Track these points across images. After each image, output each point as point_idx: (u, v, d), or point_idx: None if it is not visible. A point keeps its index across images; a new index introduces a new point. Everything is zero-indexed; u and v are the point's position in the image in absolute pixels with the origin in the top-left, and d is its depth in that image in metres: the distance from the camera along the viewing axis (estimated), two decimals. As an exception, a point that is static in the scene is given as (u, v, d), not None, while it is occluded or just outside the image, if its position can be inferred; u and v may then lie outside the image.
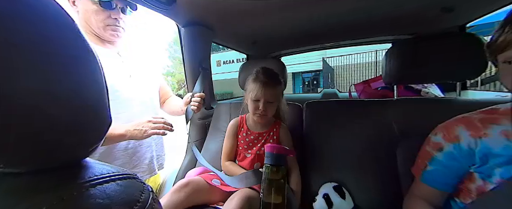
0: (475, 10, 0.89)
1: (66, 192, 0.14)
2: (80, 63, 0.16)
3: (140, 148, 0.77)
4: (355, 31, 1.16)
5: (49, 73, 0.14)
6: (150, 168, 0.81)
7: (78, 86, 0.16)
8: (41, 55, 0.14)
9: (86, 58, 0.17)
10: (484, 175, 0.42)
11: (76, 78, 0.16)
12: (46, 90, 0.14)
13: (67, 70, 0.15)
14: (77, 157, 0.18)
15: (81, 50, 0.16)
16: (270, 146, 0.59)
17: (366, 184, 0.67)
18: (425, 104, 0.71)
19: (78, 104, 0.16)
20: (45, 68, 0.14)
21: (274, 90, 0.70)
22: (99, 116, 0.18)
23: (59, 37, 0.15)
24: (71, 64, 0.16)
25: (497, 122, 0.41)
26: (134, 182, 0.18)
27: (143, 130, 0.65)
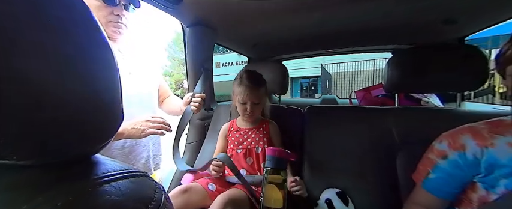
0: (475, 24, 0.91)
1: (80, 187, 0.13)
2: (98, 57, 0.16)
3: (137, 147, 0.76)
4: (355, 39, 1.18)
5: (66, 63, 0.13)
6: (145, 168, 0.79)
7: (93, 80, 0.15)
8: (61, 43, 0.13)
9: (104, 53, 0.16)
10: (488, 185, 0.42)
11: (93, 72, 0.15)
12: (61, 79, 0.13)
13: (84, 62, 0.15)
14: (88, 153, 0.17)
15: (99, 45, 0.16)
16: (271, 150, 0.59)
17: (367, 191, 0.67)
18: (425, 113, 0.72)
19: (93, 98, 0.15)
20: (62, 56, 0.13)
21: (259, 92, 0.74)
22: (113, 112, 0.17)
23: (79, 30, 0.15)
24: (89, 58, 0.15)
25: (504, 134, 0.42)
26: (147, 180, 0.17)
27: (141, 129, 0.64)
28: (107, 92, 0.16)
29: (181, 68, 13.03)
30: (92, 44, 0.16)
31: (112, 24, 0.67)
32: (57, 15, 0.13)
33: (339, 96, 1.97)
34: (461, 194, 0.47)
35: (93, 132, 0.16)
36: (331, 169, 0.74)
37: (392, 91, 0.78)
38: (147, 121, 0.65)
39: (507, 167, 0.39)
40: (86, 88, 0.15)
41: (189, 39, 0.92)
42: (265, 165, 0.59)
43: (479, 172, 0.43)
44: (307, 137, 0.82)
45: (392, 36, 1.12)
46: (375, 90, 1.26)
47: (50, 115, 0.13)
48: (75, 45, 0.14)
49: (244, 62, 1.64)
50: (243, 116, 0.78)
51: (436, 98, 1.13)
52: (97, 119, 0.16)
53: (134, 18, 0.74)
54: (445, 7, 0.76)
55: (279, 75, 0.95)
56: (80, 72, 0.14)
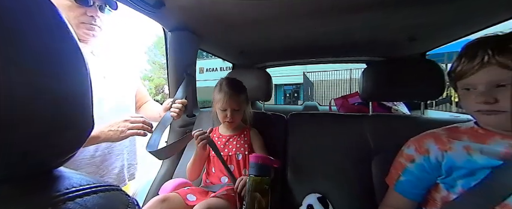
0: (434, 41, 1.04)
1: (38, 207, 0.12)
2: (65, 62, 0.15)
3: (110, 156, 0.70)
4: (334, 50, 1.26)
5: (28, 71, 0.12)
6: (119, 178, 0.73)
7: (59, 88, 0.14)
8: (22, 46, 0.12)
9: (72, 55, 0.15)
10: (448, 186, 0.47)
11: (58, 75, 0.14)
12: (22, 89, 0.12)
13: (48, 64, 0.13)
14: (50, 166, 0.15)
15: (67, 46, 0.15)
16: (254, 157, 0.59)
17: (345, 195, 0.69)
18: (395, 120, 0.79)
19: (57, 104, 0.14)
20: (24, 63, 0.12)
21: (239, 98, 0.75)
22: (81, 120, 0.16)
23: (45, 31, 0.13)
24: (54, 58, 0.14)
25: (460, 139, 0.47)
26: (118, 195, 0.16)
27: (119, 130, 0.59)
28: (75, 99, 0.15)
29: (162, 72, 12.53)
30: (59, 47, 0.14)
31: (84, 26, 0.63)
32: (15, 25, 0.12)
33: (320, 103, 2.06)
34: (427, 195, 0.51)
35: (58, 142, 0.14)
36: (313, 174, 0.75)
37: (367, 99, 0.84)
38: (126, 121, 0.61)
39: (463, 169, 0.44)
40: (51, 95, 0.13)
41: (171, 43, 0.89)
42: (248, 172, 0.59)
43: (441, 174, 0.48)
44: (290, 143, 0.84)
45: (366, 49, 1.22)
46: (352, 98, 1.34)
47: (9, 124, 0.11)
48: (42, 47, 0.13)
49: (228, 67, 1.64)
50: (223, 123, 0.78)
51: (404, 106, 1.24)
52: (63, 128, 0.14)
53: (110, 19, 0.70)
54: (409, 26, 0.85)
55: (263, 83, 0.97)
56: (42, 80, 0.13)
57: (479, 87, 0.42)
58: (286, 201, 0.74)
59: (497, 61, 0.39)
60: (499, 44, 0.39)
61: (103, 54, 0.73)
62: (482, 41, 0.43)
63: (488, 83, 0.41)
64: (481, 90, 0.42)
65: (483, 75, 0.41)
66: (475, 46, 0.43)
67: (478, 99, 0.42)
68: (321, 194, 0.69)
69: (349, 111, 1.29)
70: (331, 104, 1.54)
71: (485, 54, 0.40)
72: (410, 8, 0.70)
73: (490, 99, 0.40)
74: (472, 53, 0.42)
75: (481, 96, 0.41)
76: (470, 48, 0.43)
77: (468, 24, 0.81)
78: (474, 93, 0.43)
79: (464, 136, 0.47)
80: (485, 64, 0.40)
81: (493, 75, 0.40)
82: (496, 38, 0.42)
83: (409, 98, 0.82)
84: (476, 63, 0.41)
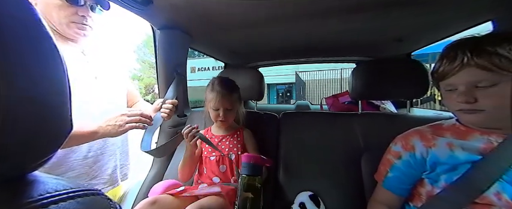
0: (419, 41, 1.08)
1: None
2: (42, 62, 0.14)
3: (102, 157, 0.69)
4: (324, 50, 1.28)
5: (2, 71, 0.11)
6: (112, 179, 0.72)
7: (34, 85, 0.13)
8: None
9: (49, 57, 0.14)
10: (432, 181, 0.49)
11: (32, 74, 0.13)
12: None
13: (24, 66, 0.12)
14: (24, 170, 0.14)
15: (44, 48, 0.14)
16: (246, 156, 0.58)
17: (336, 192, 0.71)
18: (383, 118, 0.81)
19: (33, 106, 0.13)
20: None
21: (231, 98, 0.74)
22: (58, 122, 0.15)
23: (22, 33, 0.13)
24: (30, 61, 0.13)
25: (443, 135, 0.49)
26: (98, 199, 0.15)
27: (118, 124, 0.58)
28: (52, 101, 0.14)
29: (152, 71, 12.22)
30: (36, 50, 0.13)
31: (75, 26, 0.62)
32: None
33: (312, 102, 2.09)
34: (412, 190, 0.53)
35: (32, 146, 0.13)
36: (304, 173, 0.76)
37: (357, 98, 0.86)
38: (123, 115, 0.59)
39: (446, 165, 0.46)
40: (26, 94, 0.12)
41: (160, 42, 0.87)
42: (240, 172, 0.58)
43: (425, 169, 0.50)
44: (282, 142, 0.84)
45: (355, 49, 1.25)
46: (342, 97, 1.37)
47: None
48: (14, 52, 0.12)
49: (221, 67, 1.62)
50: (216, 122, 0.77)
51: (391, 104, 1.29)
52: (38, 130, 0.13)
53: (100, 19, 0.69)
54: (396, 27, 0.88)
55: (255, 82, 0.96)
56: (18, 83, 0.12)
57: (460, 87, 0.44)
58: (278, 199, 0.75)
59: (475, 63, 0.41)
60: (477, 46, 0.41)
61: (93, 54, 0.71)
62: (461, 43, 0.45)
63: (468, 84, 0.43)
64: (461, 90, 0.44)
65: (463, 76, 0.43)
66: (455, 48, 0.45)
67: (459, 99, 0.44)
68: (312, 192, 0.70)
69: (340, 110, 1.31)
70: (322, 103, 1.56)
71: (464, 56, 0.42)
72: (398, 10, 0.72)
73: (470, 99, 0.42)
74: (452, 55, 0.44)
75: (462, 96, 0.43)
76: (450, 50, 0.45)
77: (451, 26, 0.85)
78: (455, 93, 0.45)
79: (447, 132, 0.49)
80: (464, 66, 0.42)
81: (472, 76, 0.42)
82: (473, 40, 0.44)
83: (396, 97, 0.85)
84: (457, 65, 0.43)
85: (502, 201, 0.40)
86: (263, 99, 1.05)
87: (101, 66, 0.71)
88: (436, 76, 0.49)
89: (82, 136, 0.55)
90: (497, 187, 0.41)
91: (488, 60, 0.40)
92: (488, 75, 0.40)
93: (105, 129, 0.57)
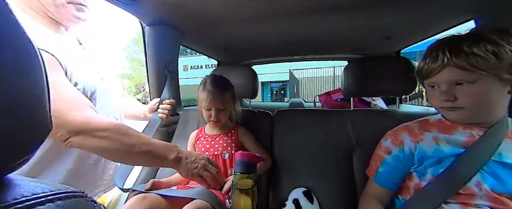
0: (407, 39, 1.11)
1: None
2: (20, 62, 0.13)
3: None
4: (317, 48, 1.29)
5: None
6: (113, 178, 0.70)
7: (7, 79, 0.12)
8: None
9: (28, 57, 0.13)
10: (420, 174, 0.50)
11: (8, 70, 0.12)
12: None
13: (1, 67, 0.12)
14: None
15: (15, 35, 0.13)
16: (240, 154, 0.58)
17: (329, 188, 0.72)
18: (374, 115, 0.83)
19: (7, 103, 0.12)
20: None
21: (223, 97, 0.72)
22: (35, 121, 0.14)
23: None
24: (7, 62, 0.12)
25: (430, 130, 0.51)
26: (81, 202, 0.14)
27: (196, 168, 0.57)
28: (30, 102, 0.13)
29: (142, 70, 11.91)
30: (14, 49, 0.13)
31: (74, 7, 0.55)
32: None
33: (305, 100, 2.11)
34: (402, 184, 0.55)
35: (6, 146, 0.13)
36: (298, 169, 0.77)
37: (349, 95, 0.87)
38: (207, 161, 0.59)
39: (432, 158, 0.48)
40: (4, 98, 0.12)
41: (150, 39, 0.85)
42: (234, 170, 0.58)
43: (414, 164, 0.51)
44: (276, 139, 0.85)
45: (346, 47, 1.27)
46: (335, 94, 1.39)
47: None
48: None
49: (214, 65, 1.60)
50: (209, 123, 0.76)
51: (381, 101, 1.32)
52: (13, 129, 0.13)
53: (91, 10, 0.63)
54: (385, 25, 0.90)
55: (248, 80, 0.96)
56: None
57: (441, 85, 0.46)
58: (272, 196, 0.75)
59: (454, 63, 0.42)
60: (455, 47, 0.43)
61: (89, 42, 0.67)
62: (442, 43, 0.47)
63: (449, 82, 0.45)
64: (443, 88, 0.46)
65: (444, 75, 0.45)
66: (436, 48, 0.46)
67: (441, 97, 0.46)
68: (306, 188, 0.71)
69: (332, 107, 1.33)
70: (316, 100, 1.58)
71: (445, 57, 0.43)
72: (387, 9, 0.73)
73: (450, 97, 0.44)
74: (434, 55, 0.46)
75: (443, 94, 0.45)
76: (433, 50, 0.47)
77: (437, 24, 0.87)
78: (438, 91, 0.47)
79: (433, 127, 0.51)
80: (445, 65, 0.44)
81: (452, 75, 0.44)
82: (453, 40, 0.45)
83: (386, 94, 0.87)
84: (438, 65, 0.45)
85: (482, 191, 0.43)
86: (257, 97, 1.05)
87: (96, 55, 0.67)
88: (420, 75, 0.51)
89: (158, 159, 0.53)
90: (478, 178, 0.43)
91: (466, 60, 0.41)
92: (467, 75, 0.42)
93: (185, 164, 0.56)
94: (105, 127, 0.47)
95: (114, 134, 0.47)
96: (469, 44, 0.41)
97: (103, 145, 0.46)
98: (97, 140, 0.46)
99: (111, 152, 0.48)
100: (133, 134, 0.51)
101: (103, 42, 14.31)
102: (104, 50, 13.47)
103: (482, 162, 0.43)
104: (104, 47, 13.53)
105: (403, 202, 0.53)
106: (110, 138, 0.47)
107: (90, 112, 0.48)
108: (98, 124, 0.46)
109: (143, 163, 0.59)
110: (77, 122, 0.44)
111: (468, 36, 0.44)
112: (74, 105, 0.46)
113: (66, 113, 0.43)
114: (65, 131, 0.43)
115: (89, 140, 0.45)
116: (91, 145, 0.46)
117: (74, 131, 0.44)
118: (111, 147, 0.47)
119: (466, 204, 0.44)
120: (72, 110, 0.45)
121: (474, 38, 0.43)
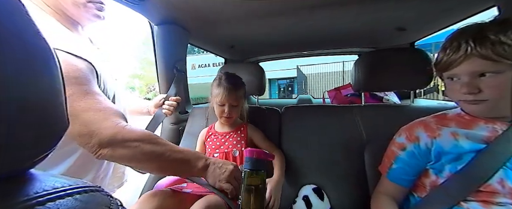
0: (422, 30, 1.05)
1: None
2: (30, 51, 0.13)
3: None
4: (326, 42, 1.26)
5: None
6: (124, 175, 0.72)
7: (25, 80, 0.13)
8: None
9: (38, 46, 0.14)
10: (437, 171, 0.48)
11: (24, 69, 0.13)
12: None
13: (13, 58, 0.12)
14: (19, 168, 0.14)
15: (31, 35, 0.13)
16: (249, 151, 0.58)
17: (340, 185, 0.71)
18: (387, 110, 0.80)
19: (24, 102, 0.13)
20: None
21: (237, 94, 0.74)
22: (53, 118, 0.15)
23: (16, 34, 0.12)
24: (18, 51, 0.12)
25: (447, 125, 0.48)
26: (98, 196, 0.15)
27: (222, 176, 0.54)
28: (47, 101, 0.14)
29: (152, 69, 12.20)
30: (22, 35, 0.13)
31: (94, 5, 0.54)
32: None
33: (314, 96, 2.08)
34: (417, 181, 0.53)
35: (26, 143, 0.13)
36: (308, 166, 0.76)
37: (360, 90, 0.84)
38: (235, 172, 0.56)
39: (450, 154, 0.46)
40: (17, 90, 0.12)
41: (158, 38, 0.86)
42: (243, 167, 0.58)
43: (430, 160, 0.49)
44: (284, 136, 0.84)
45: (357, 40, 1.23)
46: (344, 89, 1.36)
47: None
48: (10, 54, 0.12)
49: (221, 63, 1.61)
50: (220, 119, 0.77)
51: (394, 95, 1.27)
52: (32, 127, 0.13)
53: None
54: (398, 16, 0.86)
55: (256, 77, 0.96)
56: (13, 84, 0.12)
57: (463, 78, 0.43)
58: (282, 193, 0.75)
59: (478, 52, 0.40)
60: (480, 35, 0.40)
61: (100, 42, 0.67)
62: (464, 32, 0.43)
63: (472, 74, 0.42)
64: (464, 80, 0.43)
65: (466, 66, 0.42)
66: (457, 38, 0.43)
67: (462, 90, 0.43)
68: (316, 185, 0.70)
69: (342, 103, 1.30)
70: (325, 96, 1.55)
71: (468, 46, 0.41)
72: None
73: (473, 90, 0.42)
74: (455, 45, 0.43)
75: (465, 86, 0.42)
76: (453, 40, 0.44)
77: (454, 13, 0.82)
78: (459, 83, 0.44)
79: (451, 122, 0.48)
80: (468, 56, 0.41)
81: (476, 66, 0.41)
82: (476, 28, 0.42)
83: (399, 88, 0.84)
84: (460, 56, 0.42)
85: (506, 188, 0.40)
86: (264, 94, 1.04)
87: (108, 55, 0.67)
88: (439, 67, 0.48)
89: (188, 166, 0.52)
90: (501, 175, 0.41)
91: (492, 49, 0.38)
92: (492, 65, 0.39)
93: (212, 171, 0.54)
94: (135, 138, 0.46)
95: (145, 144, 0.46)
96: (495, 32, 0.39)
97: (134, 155, 0.45)
98: (127, 150, 0.45)
99: (142, 162, 0.48)
100: (162, 142, 0.50)
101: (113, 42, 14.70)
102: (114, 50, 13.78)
103: (505, 158, 0.40)
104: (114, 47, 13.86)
105: (419, 199, 0.52)
106: (139, 148, 0.46)
107: (121, 122, 0.47)
108: (128, 134, 0.45)
109: (173, 172, 0.57)
110: (107, 133, 0.43)
111: (493, 24, 0.41)
112: (106, 115, 0.45)
113: (97, 123, 0.43)
114: (96, 142, 0.42)
115: (119, 151, 0.44)
116: (122, 156, 0.45)
117: (104, 142, 0.43)
118: (141, 158, 0.46)
119: (488, 202, 0.41)
120: (103, 121, 0.44)
121: (500, 26, 0.40)
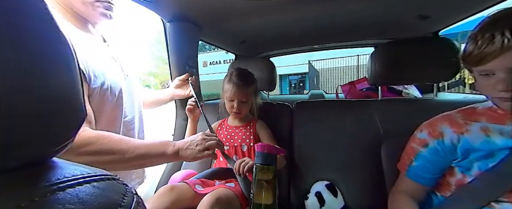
0: (447, 18, 0.96)
1: (25, 198, 0.11)
2: (47, 43, 0.14)
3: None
4: (340, 34, 1.20)
5: (8, 52, 0.11)
6: (143, 172, 0.75)
7: (44, 72, 0.13)
8: (15, 45, 0.11)
9: (55, 39, 0.14)
10: (464, 169, 0.45)
11: (42, 60, 0.13)
12: (15, 78, 0.11)
13: (32, 50, 0.13)
14: (42, 156, 0.15)
15: (49, 29, 0.14)
16: (260, 146, 0.58)
17: (354, 182, 0.69)
18: (406, 104, 0.75)
19: (44, 93, 0.13)
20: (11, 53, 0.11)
21: (247, 90, 0.75)
22: (71, 108, 0.15)
23: (35, 29, 0.13)
24: (36, 43, 0.13)
25: (477, 120, 0.44)
26: (114, 184, 0.16)
27: (197, 150, 0.54)
28: (63, 85, 0.15)
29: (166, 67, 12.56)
30: (40, 27, 0.14)
31: (102, 5, 0.55)
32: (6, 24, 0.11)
33: (326, 92, 2.02)
34: (440, 179, 0.50)
35: (47, 132, 0.14)
36: (320, 162, 0.75)
37: (376, 84, 0.80)
38: (204, 139, 0.56)
39: (480, 151, 0.42)
40: (37, 81, 0.13)
41: (171, 35, 0.88)
42: (254, 162, 0.59)
43: (456, 157, 0.45)
44: (295, 131, 0.83)
45: (373, 31, 1.16)
46: (359, 84, 1.30)
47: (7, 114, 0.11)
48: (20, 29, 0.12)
49: (232, 60, 1.61)
50: (230, 113, 0.78)
51: (415, 89, 1.19)
52: (52, 116, 0.14)
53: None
54: (420, 3, 0.79)
55: (266, 72, 0.95)
56: (28, 63, 0.12)
57: (499, 73, 0.38)
58: (294, 189, 0.75)
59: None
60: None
61: (113, 40, 0.68)
62: (498, 20, 0.38)
63: (509, 70, 0.37)
64: (500, 76, 0.38)
65: (503, 62, 0.37)
66: (490, 27, 0.38)
67: (498, 87, 0.38)
68: (329, 182, 0.68)
69: (357, 97, 1.25)
70: (338, 91, 1.50)
71: (504, 38, 0.35)
72: None
73: (511, 87, 0.37)
74: (488, 37, 0.37)
75: (501, 83, 0.38)
76: (486, 30, 0.38)
77: None
78: (493, 79, 0.39)
79: (481, 117, 0.44)
80: (505, 49, 0.36)
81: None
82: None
83: (421, 81, 0.78)
84: (495, 49, 0.37)
85: None
86: (275, 90, 1.03)
87: (120, 52, 0.67)
88: (468, 60, 0.43)
89: (157, 157, 0.52)
90: None
91: None
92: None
93: (185, 153, 0.54)
94: (87, 142, 0.44)
95: (99, 145, 0.45)
96: None
97: (93, 159, 0.44)
98: (85, 157, 0.43)
99: (104, 164, 0.46)
100: (122, 140, 0.49)
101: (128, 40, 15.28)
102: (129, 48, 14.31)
103: None
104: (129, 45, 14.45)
105: (442, 199, 0.48)
106: (98, 152, 0.44)
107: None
108: (79, 140, 0.43)
109: (142, 166, 0.56)
110: None
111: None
112: None
113: None
114: None
115: (76, 158, 0.40)
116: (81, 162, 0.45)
117: None
118: (102, 160, 0.45)
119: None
120: None
121: None
